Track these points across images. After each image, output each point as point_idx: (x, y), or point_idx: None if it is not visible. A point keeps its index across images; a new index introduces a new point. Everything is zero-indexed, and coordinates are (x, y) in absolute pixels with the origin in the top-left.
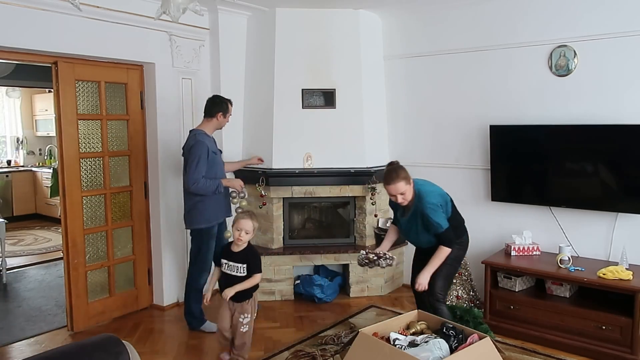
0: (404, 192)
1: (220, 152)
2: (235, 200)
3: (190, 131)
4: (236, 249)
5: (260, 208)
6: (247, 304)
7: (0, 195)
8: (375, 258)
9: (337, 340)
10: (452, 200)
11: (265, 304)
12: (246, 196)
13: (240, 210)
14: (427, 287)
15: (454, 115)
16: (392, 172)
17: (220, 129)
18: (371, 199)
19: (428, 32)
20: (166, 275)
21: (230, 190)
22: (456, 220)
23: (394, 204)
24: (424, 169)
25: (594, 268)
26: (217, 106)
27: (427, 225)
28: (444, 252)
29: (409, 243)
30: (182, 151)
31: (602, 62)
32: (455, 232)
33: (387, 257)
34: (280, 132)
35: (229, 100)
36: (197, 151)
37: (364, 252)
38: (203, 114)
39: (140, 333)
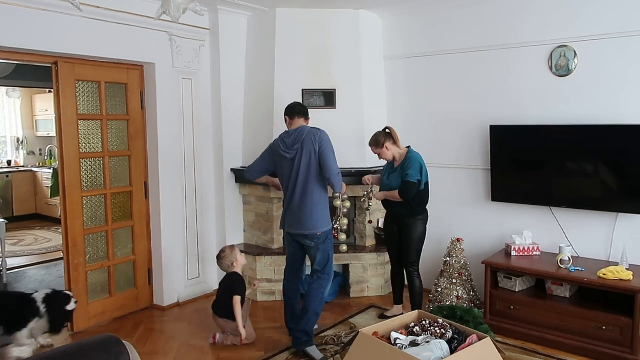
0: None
1: None
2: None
3: (299, 128)
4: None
5: None
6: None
7: (0, 195)
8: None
9: (337, 340)
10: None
11: (265, 304)
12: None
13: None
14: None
15: (454, 115)
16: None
17: None
18: (362, 201)
19: (428, 32)
20: (166, 276)
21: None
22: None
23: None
24: None
25: (594, 268)
26: (306, 108)
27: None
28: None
29: None
30: (286, 149)
31: (602, 62)
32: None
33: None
34: (280, 132)
35: None
36: (329, 140)
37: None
38: (298, 117)
39: (140, 333)
